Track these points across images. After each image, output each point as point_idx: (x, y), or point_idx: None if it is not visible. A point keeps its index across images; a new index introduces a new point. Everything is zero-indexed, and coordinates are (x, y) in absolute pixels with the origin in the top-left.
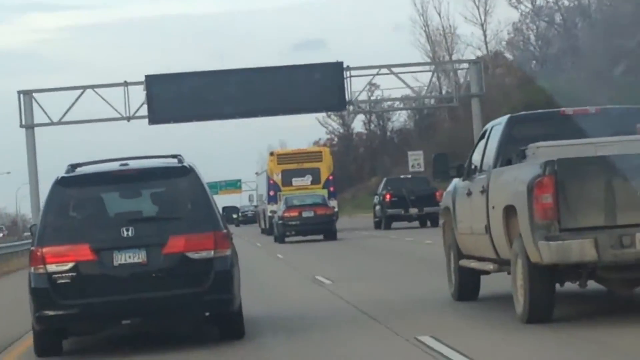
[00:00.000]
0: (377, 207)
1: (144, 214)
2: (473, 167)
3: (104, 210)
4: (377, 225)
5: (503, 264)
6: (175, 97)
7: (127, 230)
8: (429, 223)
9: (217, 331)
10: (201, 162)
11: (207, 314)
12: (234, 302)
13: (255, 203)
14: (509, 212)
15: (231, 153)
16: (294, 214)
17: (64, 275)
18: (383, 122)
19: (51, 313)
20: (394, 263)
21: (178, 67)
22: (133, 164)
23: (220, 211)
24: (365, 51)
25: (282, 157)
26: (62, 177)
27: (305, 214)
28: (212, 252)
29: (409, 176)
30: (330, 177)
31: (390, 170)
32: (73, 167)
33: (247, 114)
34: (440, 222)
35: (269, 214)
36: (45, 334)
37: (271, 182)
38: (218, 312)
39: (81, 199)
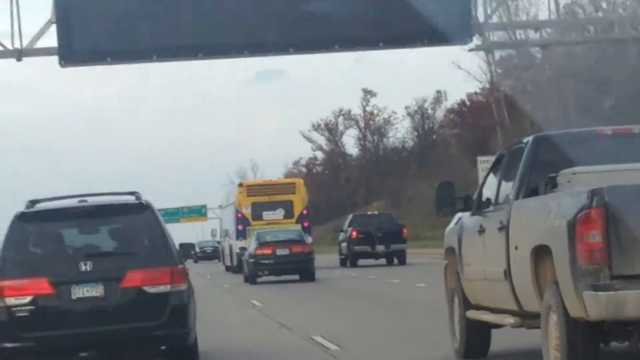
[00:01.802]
0: (343, 244)
1: (102, 249)
2: (485, 199)
3: (62, 245)
4: (343, 263)
5: (527, 318)
6: (105, 17)
7: (86, 265)
8: (395, 260)
9: None
10: (162, 185)
11: (162, 347)
12: (190, 336)
13: (218, 238)
14: (540, 254)
15: (196, 174)
16: (267, 251)
17: (22, 308)
18: (378, 138)
19: (9, 345)
20: (389, 312)
21: (129, 98)
22: (91, 201)
23: (177, 247)
24: None
25: (252, 189)
26: (22, 213)
27: (279, 252)
28: (169, 287)
29: (376, 212)
30: (305, 212)
31: (401, 190)
32: (32, 202)
33: (242, 49)
34: (444, 264)
35: (238, 251)
36: None
37: (239, 215)
38: (173, 345)
39: (40, 234)
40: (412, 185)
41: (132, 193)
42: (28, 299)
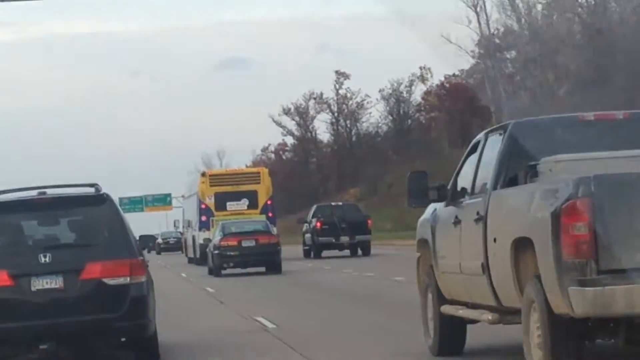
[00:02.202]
0: (307, 235)
1: (62, 240)
2: (460, 188)
3: (22, 237)
4: (307, 254)
5: (506, 314)
6: None
7: (45, 257)
8: (359, 252)
9: (132, 356)
10: (126, 172)
11: (122, 339)
12: (149, 327)
13: (180, 229)
14: (520, 246)
15: (160, 161)
16: (233, 242)
17: None
18: (352, 123)
19: None
20: (356, 306)
21: (89, 87)
22: (51, 192)
23: (137, 239)
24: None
25: (215, 179)
26: None
27: (245, 243)
28: (128, 279)
29: (340, 203)
30: (269, 202)
31: (378, 176)
32: None
33: None
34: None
35: (201, 242)
36: None
37: (203, 206)
38: (133, 336)
39: None
40: (390, 171)
41: (92, 185)
42: None
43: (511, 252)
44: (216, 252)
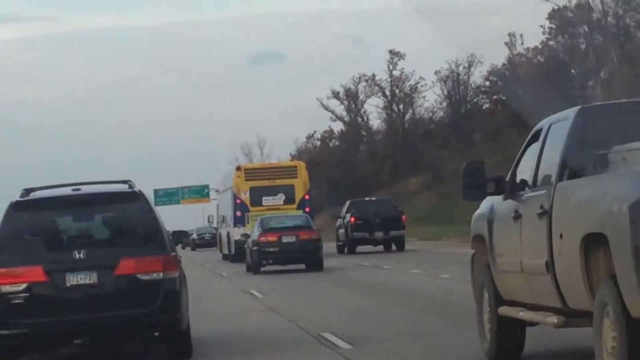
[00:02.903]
0: (341, 231)
1: (96, 237)
2: (519, 180)
3: (57, 233)
4: (341, 250)
5: (573, 316)
6: None
7: (79, 253)
8: (394, 247)
9: (165, 350)
10: (163, 165)
11: (156, 333)
12: (182, 321)
13: (215, 224)
14: (592, 243)
15: (198, 153)
16: (273, 238)
17: (17, 295)
18: (405, 107)
19: (5, 332)
20: (409, 307)
21: (124, 80)
22: (85, 189)
23: (170, 235)
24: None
25: (250, 173)
26: (17, 201)
27: (285, 239)
28: (161, 274)
29: (373, 199)
30: (307, 196)
31: (439, 165)
32: (27, 191)
33: None
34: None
35: (236, 238)
36: None
37: (238, 201)
38: (166, 331)
39: (35, 222)
40: (450, 160)
41: (125, 182)
42: (22, 286)
43: (580, 250)
44: (255, 248)
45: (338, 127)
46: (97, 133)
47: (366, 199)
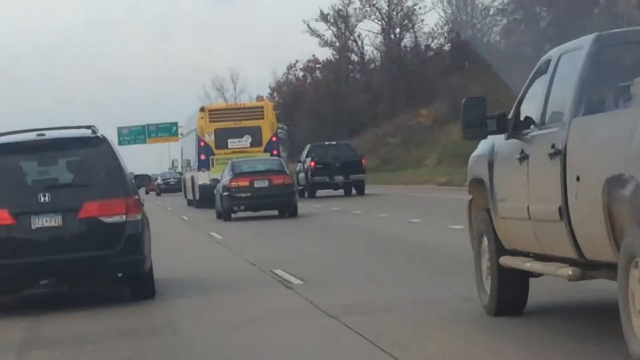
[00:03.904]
0: (301, 175)
1: (60, 180)
2: (524, 118)
3: (22, 177)
4: (301, 194)
5: (589, 268)
6: None
7: (44, 196)
8: (354, 191)
9: (128, 291)
10: (129, 102)
11: (119, 274)
12: (145, 263)
13: (179, 169)
14: (616, 186)
15: (167, 88)
16: (244, 183)
17: None
18: (401, 32)
19: None
20: (392, 256)
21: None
22: (49, 134)
23: (133, 179)
24: None
25: (215, 114)
26: None
27: (258, 184)
28: (124, 217)
29: (334, 143)
30: (274, 139)
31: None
32: None
33: None
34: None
35: (200, 182)
36: None
37: (202, 143)
38: (129, 272)
39: (0, 166)
40: (463, 89)
41: (88, 127)
42: None
43: (603, 194)
44: (225, 193)
45: (323, 55)
46: (61, 74)
47: (326, 143)
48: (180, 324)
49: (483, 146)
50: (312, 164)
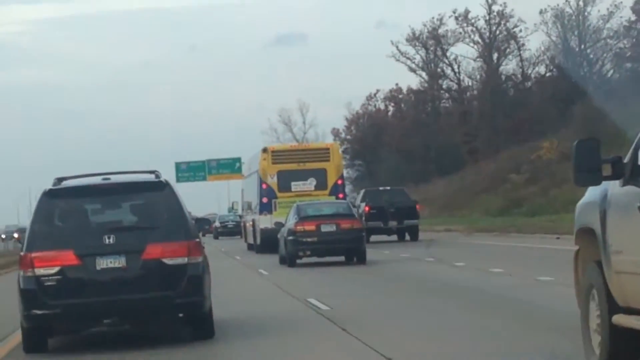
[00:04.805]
0: None
1: (124, 223)
2: None
3: (87, 219)
4: None
5: None
6: None
7: (109, 238)
8: (407, 237)
9: (189, 331)
10: (189, 137)
11: (180, 314)
12: (205, 304)
13: (239, 212)
14: None
15: (232, 120)
16: (310, 227)
17: (50, 278)
18: (499, 57)
19: (38, 312)
20: (476, 312)
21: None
22: (114, 179)
23: (193, 222)
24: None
25: (278, 155)
26: (50, 190)
27: (325, 228)
28: (186, 259)
29: (388, 188)
30: (339, 182)
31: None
32: (59, 180)
33: None
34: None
35: (262, 227)
36: (32, 332)
37: (264, 186)
38: (190, 313)
39: (66, 209)
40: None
41: (152, 172)
42: (56, 269)
43: None
44: (290, 237)
45: (408, 84)
46: (121, 114)
47: (380, 188)
48: None
49: (593, 193)
50: (367, 208)
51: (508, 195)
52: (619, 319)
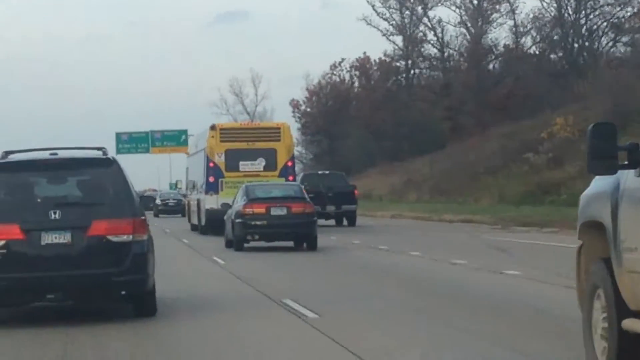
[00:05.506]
0: None
1: (70, 199)
2: None
3: (33, 194)
4: None
5: None
6: None
7: (55, 213)
8: (345, 222)
9: (131, 309)
10: (135, 104)
11: (123, 292)
12: (148, 282)
13: (183, 190)
14: None
15: (180, 96)
16: (260, 210)
17: None
18: (483, 23)
19: None
20: (447, 304)
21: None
22: (62, 154)
23: (139, 200)
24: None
25: (226, 133)
26: None
27: (275, 212)
28: (131, 237)
29: (327, 172)
30: (289, 163)
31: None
32: (6, 153)
33: None
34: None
35: (207, 207)
36: None
37: (211, 164)
38: (133, 290)
39: (12, 183)
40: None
41: (99, 148)
42: (0, 243)
43: None
44: (239, 220)
45: (376, 54)
46: (68, 87)
47: (319, 172)
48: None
49: (601, 183)
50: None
51: (529, 179)
52: (630, 324)
